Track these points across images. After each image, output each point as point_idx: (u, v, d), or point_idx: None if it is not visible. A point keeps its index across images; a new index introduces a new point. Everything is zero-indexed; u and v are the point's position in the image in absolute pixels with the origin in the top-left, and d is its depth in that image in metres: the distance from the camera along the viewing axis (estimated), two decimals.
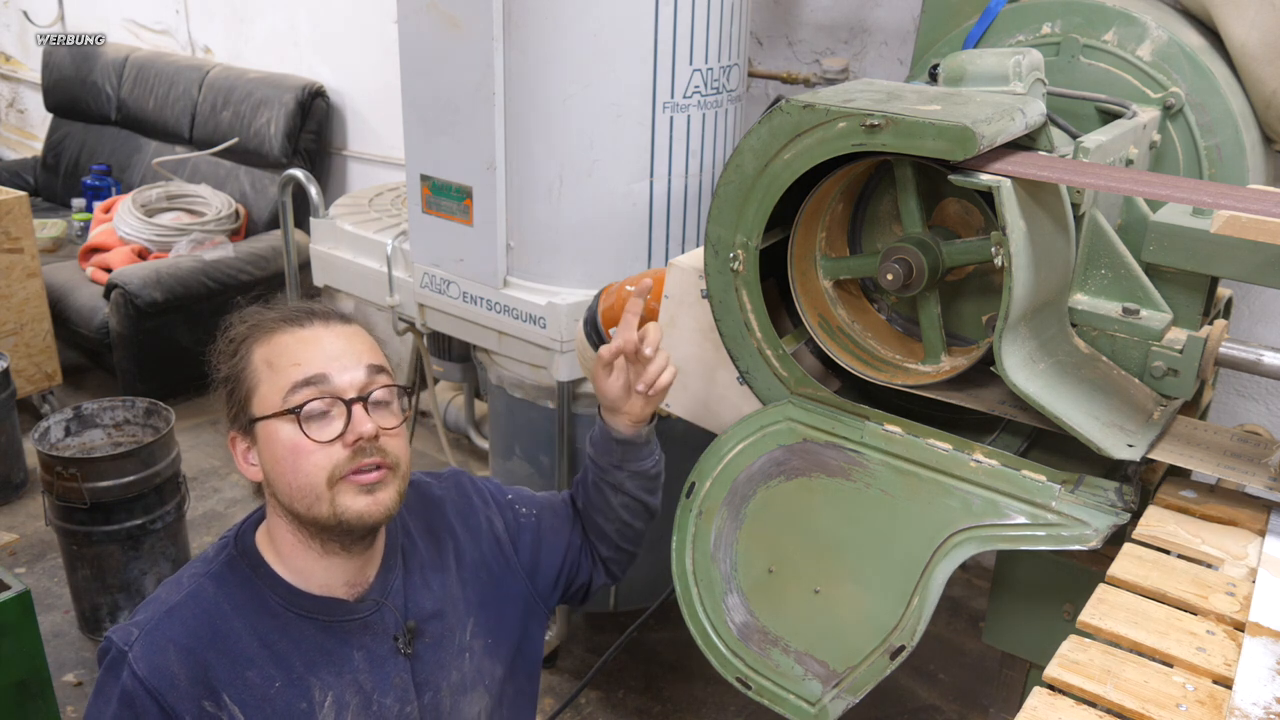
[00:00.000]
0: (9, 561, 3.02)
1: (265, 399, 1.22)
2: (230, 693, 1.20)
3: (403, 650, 1.31)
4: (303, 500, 1.20)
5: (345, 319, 1.30)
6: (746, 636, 1.60)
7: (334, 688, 1.26)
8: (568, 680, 2.59)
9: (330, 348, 1.24)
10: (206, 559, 1.29)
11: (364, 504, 1.20)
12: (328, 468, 1.19)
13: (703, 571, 1.64)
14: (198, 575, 1.27)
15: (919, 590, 1.43)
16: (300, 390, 1.20)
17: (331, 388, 1.20)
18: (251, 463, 1.26)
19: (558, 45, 2.20)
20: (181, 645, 1.20)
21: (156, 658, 1.19)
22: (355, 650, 1.28)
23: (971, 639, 2.80)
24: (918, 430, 1.46)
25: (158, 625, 1.21)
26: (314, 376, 1.20)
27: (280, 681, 1.23)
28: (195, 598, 1.24)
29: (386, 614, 1.30)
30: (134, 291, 3.68)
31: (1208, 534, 1.29)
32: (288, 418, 1.19)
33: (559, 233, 2.35)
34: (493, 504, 1.50)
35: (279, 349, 1.23)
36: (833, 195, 1.51)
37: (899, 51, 2.80)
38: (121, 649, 1.20)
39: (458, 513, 1.46)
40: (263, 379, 1.23)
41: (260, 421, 1.22)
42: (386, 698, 1.29)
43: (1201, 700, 0.99)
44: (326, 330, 1.26)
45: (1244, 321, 2.37)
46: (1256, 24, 1.69)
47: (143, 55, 4.91)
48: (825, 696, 1.52)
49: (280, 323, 1.26)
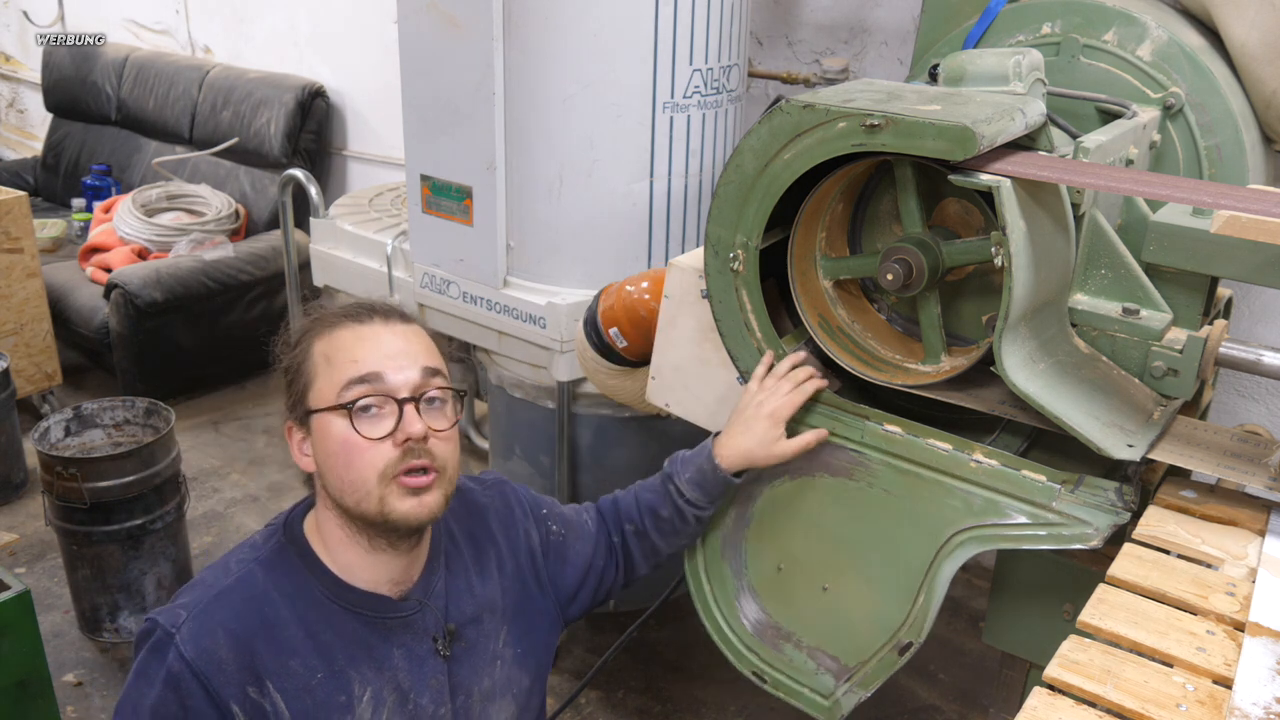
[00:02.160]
0: (9, 561, 3.02)
1: (321, 392, 1.23)
2: (274, 680, 1.21)
3: (441, 652, 1.31)
4: (352, 495, 1.21)
5: (406, 318, 1.30)
6: (760, 632, 1.61)
7: (373, 683, 1.26)
8: (568, 680, 2.59)
9: (388, 346, 1.25)
10: (254, 545, 1.30)
11: (410, 506, 1.21)
12: (379, 466, 1.20)
13: (714, 569, 1.65)
14: (246, 561, 1.27)
15: (924, 588, 1.43)
16: (354, 387, 1.21)
17: (385, 386, 1.22)
18: (306, 453, 1.27)
19: (558, 45, 2.19)
20: (231, 630, 1.20)
21: (205, 641, 1.19)
22: (395, 648, 1.29)
23: (971, 639, 2.80)
24: (918, 430, 1.46)
25: (206, 609, 1.21)
26: (369, 374, 1.21)
27: (322, 673, 1.23)
28: (245, 583, 1.24)
29: (428, 614, 1.31)
30: (134, 291, 3.68)
31: (1208, 534, 1.29)
32: (341, 413, 1.21)
33: (559, 233, 2.35)
34: (530, 516, 1.51)
35: (338, 344, 1.25)
36: (833, 195, 1.51)
37: (899, 51, 2.80)
38: (169, 630, 1.20)
39: (500, 521, 1.46)
40: (320, 373, 1.24)
41: (315, 414, 1.23)
42: (423, 698, 1.30)
43: (1201, 700, 0.99)
44: (386, 328, 1.27)
45: (1244, 321, 2.36)
46: (1256, 24, 1.69)
47: (143, 55, 4.91)
48: (838, 690, 1.53)
49: (341, 318, 1.27)
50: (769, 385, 1.53)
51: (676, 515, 1.55)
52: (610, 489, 1.66)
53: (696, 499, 1.54)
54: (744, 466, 1.53)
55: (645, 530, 1.57)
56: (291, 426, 1.28)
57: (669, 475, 1.56)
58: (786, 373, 1.52)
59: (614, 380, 2.05)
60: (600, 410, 2.45)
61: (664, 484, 1.57)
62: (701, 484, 1.54)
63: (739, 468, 1.53)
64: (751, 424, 1.51)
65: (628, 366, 2.00)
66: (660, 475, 1.59)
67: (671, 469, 1.57)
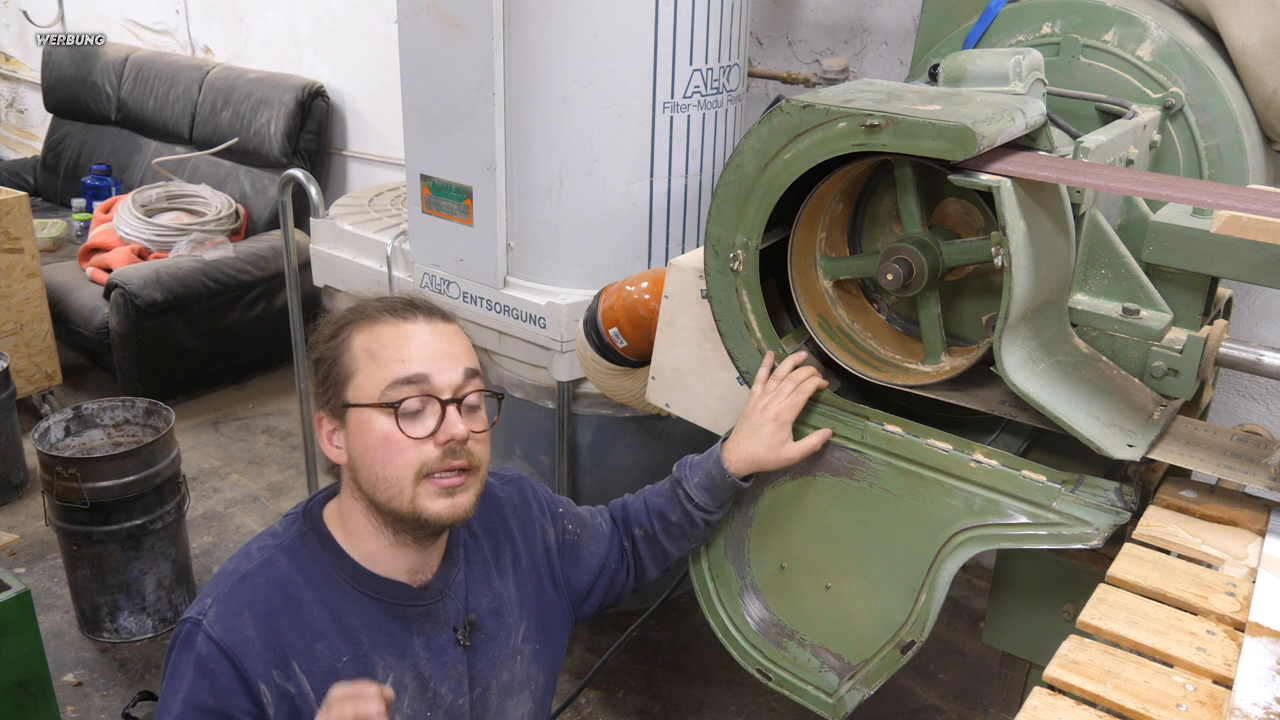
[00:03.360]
0: (9, 561, 3.02)
1: (362, 387, 1.23)
2: (300, 663, 1.21)
3: (461, 642, 1.32)
4: (385, 491, 1.22)
5: (446, 317, 1.31)
6: (764, 630, 1.62)
7: (395, 669, 1.27)
8: (568, 680, 2.59)
9: (434, 347, 1.25)
10: (275, 533, 1.31)
11: (443, 506, 1.22)
12: (417, 464, 1.21)
13: (718, 568, 1.65)
14: (268, 548, 1.28)
15: (926, 587, 1.44)
16: (401, 387, 1.21)
17: (431, 387, 1.22)
18: (336, 445, 1.27)
19: (558, 45, 2.19)
20: (257, 610, 1.21)
21: (232, 621, 1.20)
22: (416, 636, 1.29)
23: (971, 639, 2.80)
24: (918, 430, 1.46)
25: (231, 591, 1.22)
26: (416, 375, 1.22)
27: (347, 656, 1.24)
28: (268, 567, 1.25)
29: (449, 604, 1.32)
30: (134, 291, 3.68)
31: (1208, 534, 1.29)
32: (385, 410, 1.21)
33: (559, 233, 2.35)
34: (547, 514, 1.51)
35: (381, 340, 1.24)
36: (833, 195, 1.51)
37: (899, 51, 2.80)
38: (196, 620, 1.21)
39: (517, 517, 1.47)
40: (362, 367, 1.24)
41: (354, 408, 1.23)
42: (442, 686, 1.31)
43: (1201, 700, 0.99)
44: (429, 327, 1.27)
45: (1244, 321, 2.36)
46: (1256, 24, 1.69)
47: (143, 55, 4.91)
48: (842, 688, 1.53)
49: (383, 312, 1.27)
50: (771, 388, 1.53)
51: (686, 520, 1.55)
52: (610, 489, 1.66)
53: (706, 504, 1.54)
54: (752, 471, 1.53)
55: (654, 535, 1.57)
56: (323, 417, 1.28)
57: (678, 480, 1.57)
58: (788, 374, 1.53)
59: (614, 380, 2.05)
60: (600, 410, 2.45)
61: (673, 489, 1.57)
62: (710, 489, 1.54)
63: (747, 473, 1.53)
64: (758, 429, 1.51)
65: (628, 366, 2.00)
66: (669, 480, 1.59)
67: (680, 473, 1.57)
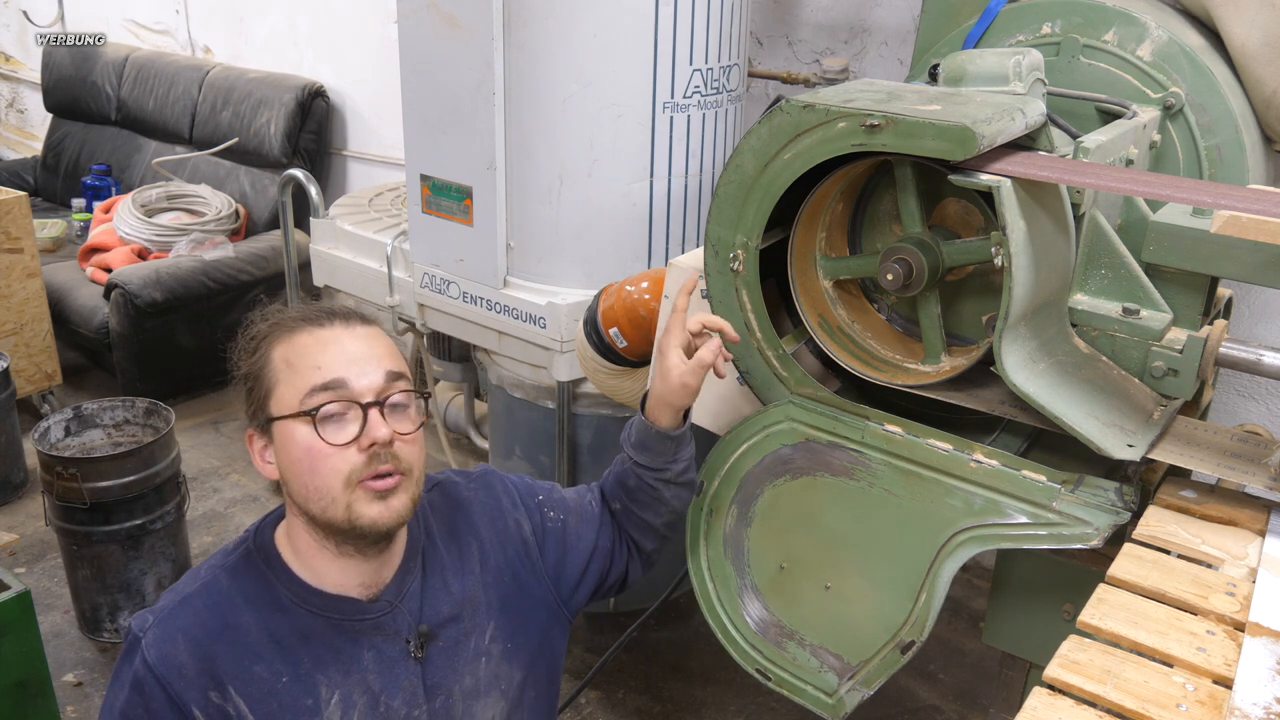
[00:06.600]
0: (9, 561, 3.02)
1: (283, 399, 1.22)
2: (236, 685, 1.21)
3: (414, 654, 1.31)
4: (318, 502, 1.21)
5: (365, 320, 1.29)
6: (763, 631, 1.61)
7: (341, 686, 1.26)
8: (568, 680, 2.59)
9: (350, 350, 1.23)
10: (226, 552, 1.31)
11: (377, 511, 1.21)
12: (344, 471, 1.19)
13: (718, 568, 1.65)
14: (215, 567, 1.28)
15: (925, 588, 1.43)
16: (318, 394, 1.20)
17: (349, 392, 1.20)
18: (268, 460, 1.26)
19: (558, 45, 2.20)
20: (190, 635, 1.21)
21: (166, 646, 1.21)
22: (365, 650, 1.28)
23: (971, 639, 2.80)
24: (918, 430, 1.46)
25: (170, 614, 1.23)
26: (333, 381, 1.20)
27: (287, 677, 1.23)
28: (208, 589, 1.25)
29: (399, 616, 1.31)
30: (134, 291, 3.68)
31: (1208, 534, 1.29)
32: (304, 419, 1.20)
33: (559, 233, 2.35)
34: (521, 506, 1.49)
35: (299, 349, 1.23)
36: (833, 195, 1.51)
37: (899, 51, 2.80)
38: (137, 635, 1.22)
39: (485, 514, 1.45)
40: (281, 378, 1.22)
41: (277, 421, 1.22)
42: (394, 700, 1.29)
43: (1201, 700, 0.99)
44: (347, 332, 1.25)
45: (1244, 321, 2.37)
46: (1256, 24, 1.69)
47: (143, 55, 4.91)
48: (842, 688, 1.53)
49: (300, 322, 1.26)
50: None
51: (640, 484, 1.52)
52: None
53: (647, 461, 1.50)
54: (666, 411, 1.48)
55: (627, 505, 1.55)
56: (253, 434, 1.27)
57: (620, 445, 1.55)
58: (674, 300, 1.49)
59: (614, 380, 2.05)
60: (600, 410, 2.45)
61: (621, 456, 1.55)
62: (644, 445, 1.50)
63: (666, 418, 1.49)
64: (655, 368, 1.48)
65: (628, 366, 2.00)
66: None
67: (622, 438, 1.55)
